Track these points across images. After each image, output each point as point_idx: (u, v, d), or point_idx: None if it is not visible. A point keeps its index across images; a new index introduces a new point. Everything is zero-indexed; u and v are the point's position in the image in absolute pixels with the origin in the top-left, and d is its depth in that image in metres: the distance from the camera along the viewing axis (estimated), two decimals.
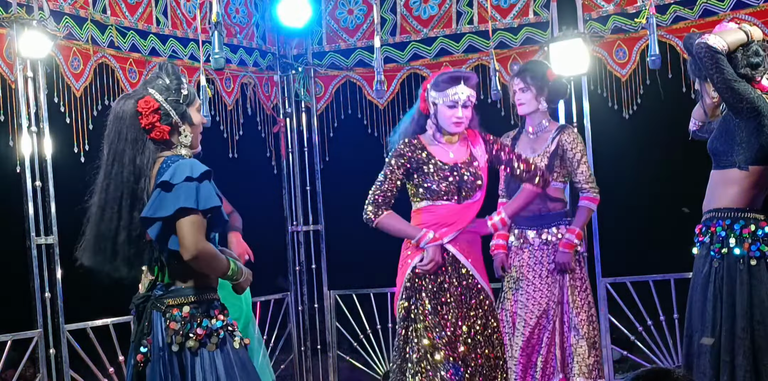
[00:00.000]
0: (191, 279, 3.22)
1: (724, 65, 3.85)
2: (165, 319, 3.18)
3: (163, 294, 3.22)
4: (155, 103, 3.21)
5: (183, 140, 3.27)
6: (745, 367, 3.86)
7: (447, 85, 4.41)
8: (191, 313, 3.18)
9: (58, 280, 5.39)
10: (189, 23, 6.30)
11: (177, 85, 3.27)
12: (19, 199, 5.37)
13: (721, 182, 4.02)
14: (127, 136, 3.19)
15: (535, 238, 5.23)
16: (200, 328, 3.17)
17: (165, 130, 3.22)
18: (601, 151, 6.33)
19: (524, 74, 5.22)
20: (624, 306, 6.31)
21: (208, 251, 3.13)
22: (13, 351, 5.41)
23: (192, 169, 3.12)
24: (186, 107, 3.28)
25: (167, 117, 3.23)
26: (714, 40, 3.86)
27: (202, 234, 3.11)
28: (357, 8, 6.97)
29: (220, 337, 3.20)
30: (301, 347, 7.17)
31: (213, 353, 3.18)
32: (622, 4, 6.18)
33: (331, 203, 7.26)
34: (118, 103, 3.26)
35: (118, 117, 3.22)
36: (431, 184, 4.43)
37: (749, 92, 3.89)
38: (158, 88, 3.25)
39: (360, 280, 7.21)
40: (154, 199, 3.10)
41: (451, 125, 4.44)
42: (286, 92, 7.16)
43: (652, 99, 6.19)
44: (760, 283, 3.92)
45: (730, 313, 3.92)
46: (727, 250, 3.97)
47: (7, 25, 5.24)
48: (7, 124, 5.32)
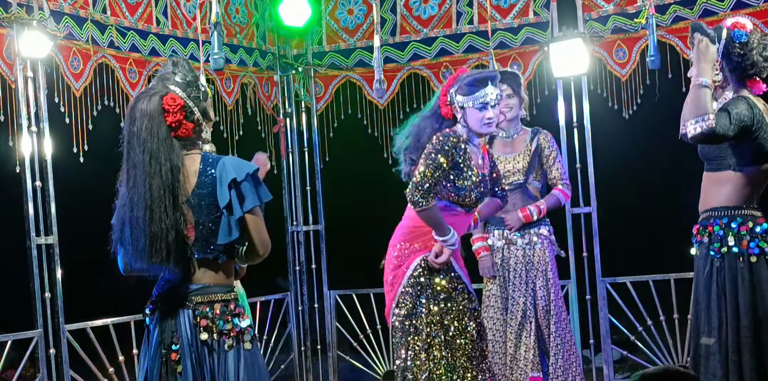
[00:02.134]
0: (218, 277, 3.23)
1: (719, 128, 3.81)
2: (195, 316, 3.17)
3: (190, 291, 3.20)
4: (181, 101, 3.17)
5: (205, 137, 3.28)
6: (751, 364, 3.87)
7: (474, 88, 4.34)
8: (222, 311, 3.19)
9: (58, 280, 5.39)
10: (189, 23, 6.31)
11: (195, 80, 3.25)
12: (19, 199, 5.37)
13: (716, 182, 4.02)
14: (159, 134, 3.13)
15: (518, 238, 5.36)
16: (229, 324, 3.19)
17: (190, 127, 3.19)
18: (601, 151, 6.34)
19: (510, 81, 5.36)
20: (624, 306, 6.31)
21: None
22: (13, 351, 5.41)
23: (249, 165, 3.19)
24: (204, 103, 3.26)
25: (191, 114, 3.20)
26: (694, 111, 3.86)
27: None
28: (357, 8, 6.97)
29: (252, 335, 3.24)
30: (301, 347, 7.17)
31: (241, 351, 3.20)
32: (622, 4, 6.19)
33: (331, 203, 7.27)
34: (142, 102, 3.17)
35: (145, 115, 3.14)
36: (461, 188, 4.36)
37: (743, 118, 3.86)
38: (180, 85, 3.20)
39: (360, 280, 7.20)
40: (234, 198, 3.12)
41: (483, 127, 4.37)
42: (286, 92, 7.17)
43: (652, 99, 6.19)
44: (761, 280, 3.93)
45: (734, 312, 3.93)
46: (727, 249, 3.97)
47: (7, 25, 5.24)
48: (7, 124, 5.33)
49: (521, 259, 5.34)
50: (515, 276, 5.33)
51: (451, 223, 4.40)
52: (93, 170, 5.42)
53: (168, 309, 3.21)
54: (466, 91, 4.35)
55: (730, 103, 3.92)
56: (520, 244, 5.35)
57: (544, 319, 5.27)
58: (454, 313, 4.41)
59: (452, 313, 4.40)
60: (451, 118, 4.41)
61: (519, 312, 5.27)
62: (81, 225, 5.05)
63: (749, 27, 4.01)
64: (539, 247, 5.34)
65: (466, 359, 4.38)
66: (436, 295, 4.40)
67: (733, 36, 3.98)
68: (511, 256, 5.35)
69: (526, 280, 5.32)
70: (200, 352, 3.17)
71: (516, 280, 5.32)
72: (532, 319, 5.27)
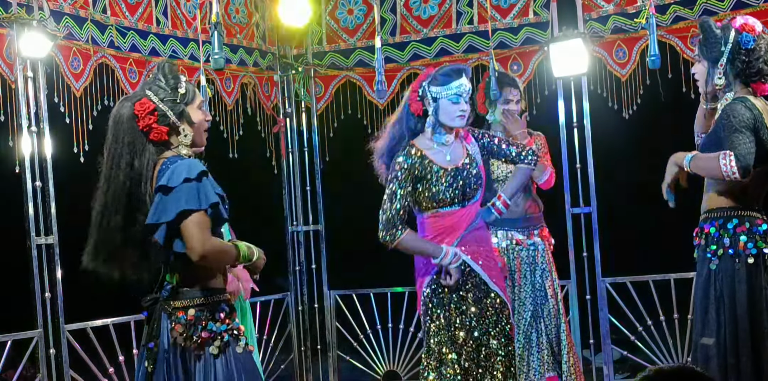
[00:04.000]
0: (197, 281, 3.21)
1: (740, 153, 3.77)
2: (170, 321, 3.17)
3: (169, 296, 3.21)
4: (151, 105, 3.19)
5: (183, 140, 3.26)
6: (749, 368, 3.85)
7: (449, 78, 4.35)
8: (196, 316, 3.17)
9: (58, 280, 5.39)
10: (189, 23, 6.31)
11: (174, 84, 3.25)
12: (19, 199, 5.37)
13: (716, 183, 3.99)
14: (124, 139, 3.18)
15: (524, 239, 5.36)
16: (205, 331, 3.16)
17: (163, 131, 3.20)
18: (601, 151, 6.34)
19: (515, 85, 5.45)
20: (624, 306, 6.31)
21: (215, 248, 3.14)
22: (13, 351, 5.41)
23: (189, 170, 3.11)
24: (184, 106, 3.26)
25: (164, 118, 3.21)
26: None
27: (208, 233, 3.12)
28: (357, 8, 6.97)
29: (224, 341, 3.19)
30: (301, 347, 7.17)
31: (216, 357, 3.17)
32: (622, 4, 6.19)
33: (331, 203, 7.26)
34: (116, 107, 3.25)
35: (115, 121, 3.22)
36: (437, 193, 4.36)
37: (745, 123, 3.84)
38: (154, 89, 3.23)
39: (360, 280, 7.21)
40: (156, 204, 3.10)
41: (455, 119, 4.36)
42: (286, 92, 7.16)
43: (652, 99, 6.19)
44: (759, 282, 3.89)
45: (732, 315, 3.90)
46: (722, 251, 3.93)
47: (7, 25, 5.24)
48: (7, 124, 5.33)
49: (526, 260, 5.33)
50: (520, 277, 5.31)
51: (453, 223, 4.38)
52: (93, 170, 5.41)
53: (153, 312, 3.24)
54: (441, 81, 4.35)
55: (724, 114, 3.87)
56: (524, 244, 5.34)
57: (555, 319, 5.27)
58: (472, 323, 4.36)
59: (471, 323, 4.36)
60: (420, 114, 4.40)
61: (528, 312, 5.26)
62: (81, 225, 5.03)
63: (758, 30, 3.93)
64: (541, 248, 5.34)
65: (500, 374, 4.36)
66: (453, 306, 4.37)
67: (741, 41, 3.91)
68: (516, 256, 5.33)
69: (532, 280, 5.31)
70: (175, 356, 3.17)
71: (522, 281, 5.31)
72: (542, 319, 5.26)
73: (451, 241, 4.37)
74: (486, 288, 4.38)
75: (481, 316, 4.34)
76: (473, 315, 4.34)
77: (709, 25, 3.99)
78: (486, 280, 4.38)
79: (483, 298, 4.36)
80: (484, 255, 4.41)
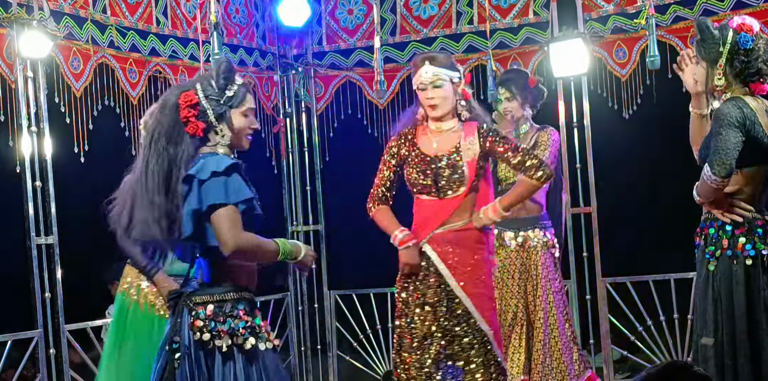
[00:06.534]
0: (222, 278, 3.22)
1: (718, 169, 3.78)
2: (191, 316, 3.17)
3: (193, 291, 3.22)
4: (195, 99, 3.19)
5: (220, 140, 3.24)
6: (746, 369, 3.85)
7: (415, 68, 4.34)
8: (215, 312, 3.17)
9: (58, 280, 5.39)
10: (189, 23, 6.31)
11: (224, 84, 3.23)
12: (19, 199, 5.37)
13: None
14: (165, 125, 3.18)
15: (511, 239, 5.32)
16: (223, 327, 3.16)
17: (200, 126, 3.19)
18: (601, 151, 6.34)
19: (509, 84, 5.34)
20: (624, 306, 6.31)
21: (249, 241, 3.16)
22: (13, 351, 5.41)
23: (218, 164, 3.13)
24: (228, 108, 3.23)
25: (204, 115, 3.20)
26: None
27: (239, 227, 3.12)
28: (357, 8, 6.97)
29: (244, 337, 3.19)
30: (301, 347, 7.17)
31: (233, 353, 3.18)
32: (622, 4, 6.19)
33: (331, 203, 7.26)
34: (168, 91, 3.29)
35: (162, 105, 3.23)
36: (411, 177, 4.34)
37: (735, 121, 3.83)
38: (204, 85, 3.22)
39: (360, 280, 7.20)
40: (185, 194, 3.11)
41: (427, 108, 4.32)
42: (286, 92, 7.17)
43: (652, 99, 6.19)
44: (757, 284, 3.89)
45: (729, 316, 3.89)
46: (721, 252, 3.89)
47: (7, 25, 5.24)
48: (7, 124, 5.33)
49: (513, 261, 5.30)
50: (507, 277, 5.29)
51: (429, 215, 4.32)
52: (93, 170, 5.42)
53: (177, 307, 3.23)
54: (412, 72, 4.37)
55: (714, 116, 3.86)
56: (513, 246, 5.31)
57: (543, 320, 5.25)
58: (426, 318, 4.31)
59: (425, 318, 4.31)
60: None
61: (510, 314, 5.25)
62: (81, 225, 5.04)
63: (756, 29, 3.89)
64: (534, 251, 5.29)
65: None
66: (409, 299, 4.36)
67: (739, 41, 3.88)
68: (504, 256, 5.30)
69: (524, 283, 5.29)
70: (197, 353, 3.16)
71: (509, 282, 5.29)
72: (524, 322, 5.24)
73: (422, 237, 4.32)
74: (449, 290, 4.27)
75: (438, 317, 4.27)
76: (428, 314, 4.28)
77: (706, 25, 3.97)
78: (450, 283, 4.26)
79: (444, 301, 4.27)
80: (457, 258, 4.28)
